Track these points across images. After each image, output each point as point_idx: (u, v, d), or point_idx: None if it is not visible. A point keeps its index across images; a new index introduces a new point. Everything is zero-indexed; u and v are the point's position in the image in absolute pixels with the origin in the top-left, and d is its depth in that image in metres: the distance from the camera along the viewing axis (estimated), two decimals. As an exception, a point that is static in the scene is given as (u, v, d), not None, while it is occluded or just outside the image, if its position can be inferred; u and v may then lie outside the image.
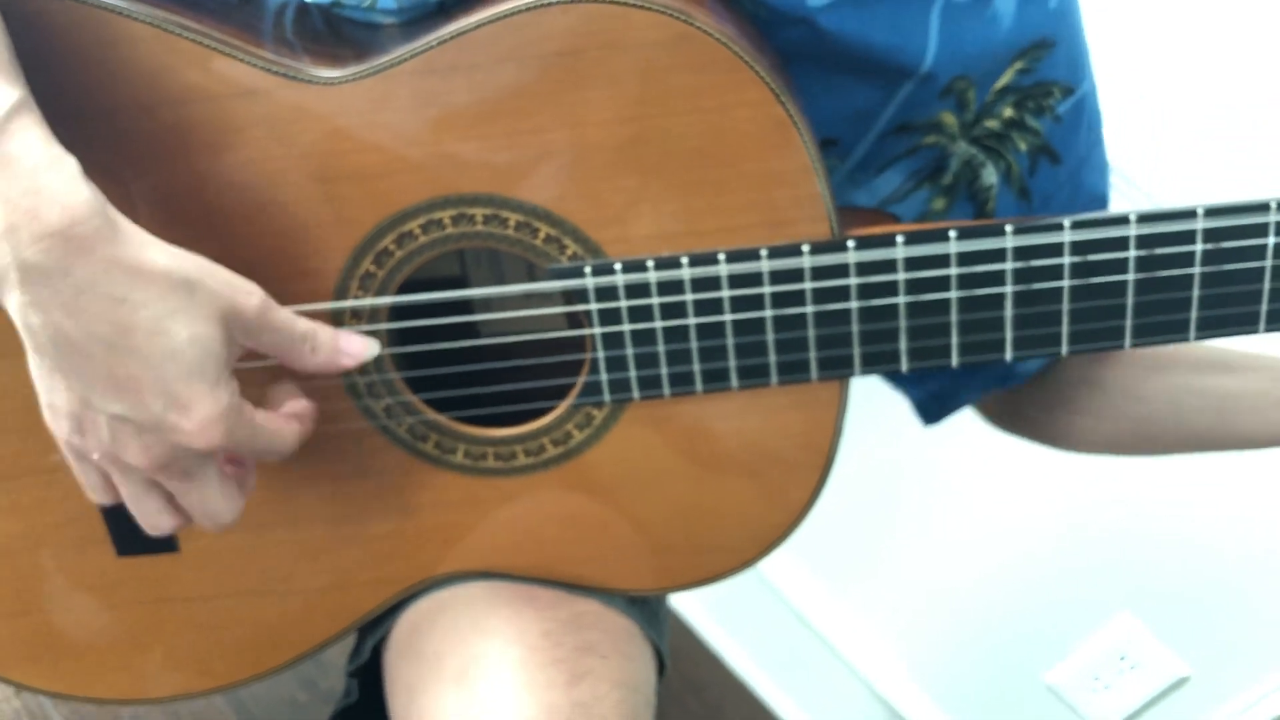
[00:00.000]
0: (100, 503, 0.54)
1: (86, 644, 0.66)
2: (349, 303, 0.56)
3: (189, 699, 0.68)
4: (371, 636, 0.69)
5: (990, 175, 0.68)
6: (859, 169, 0.67)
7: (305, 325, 0.53)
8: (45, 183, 0.45)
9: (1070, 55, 0.68)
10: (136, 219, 0.48)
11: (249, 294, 0.50)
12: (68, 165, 0.46)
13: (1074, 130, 0.69)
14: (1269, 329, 0.58)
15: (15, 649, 0.66)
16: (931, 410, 0.80)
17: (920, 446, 1.23)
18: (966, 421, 0.90)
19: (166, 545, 0.63)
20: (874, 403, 1.21)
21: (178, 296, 0.47)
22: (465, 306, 0.60)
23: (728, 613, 1.45)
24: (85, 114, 0.49)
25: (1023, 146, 0.68)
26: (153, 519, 0.53)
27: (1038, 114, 0.68)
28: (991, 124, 0.67)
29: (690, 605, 1.46)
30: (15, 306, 0.46)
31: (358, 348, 0.55)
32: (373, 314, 0.57)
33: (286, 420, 0.53)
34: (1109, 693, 1.21)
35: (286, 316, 0.52)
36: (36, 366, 0.49)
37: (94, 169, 0.47)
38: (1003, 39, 0.65)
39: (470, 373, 0.59)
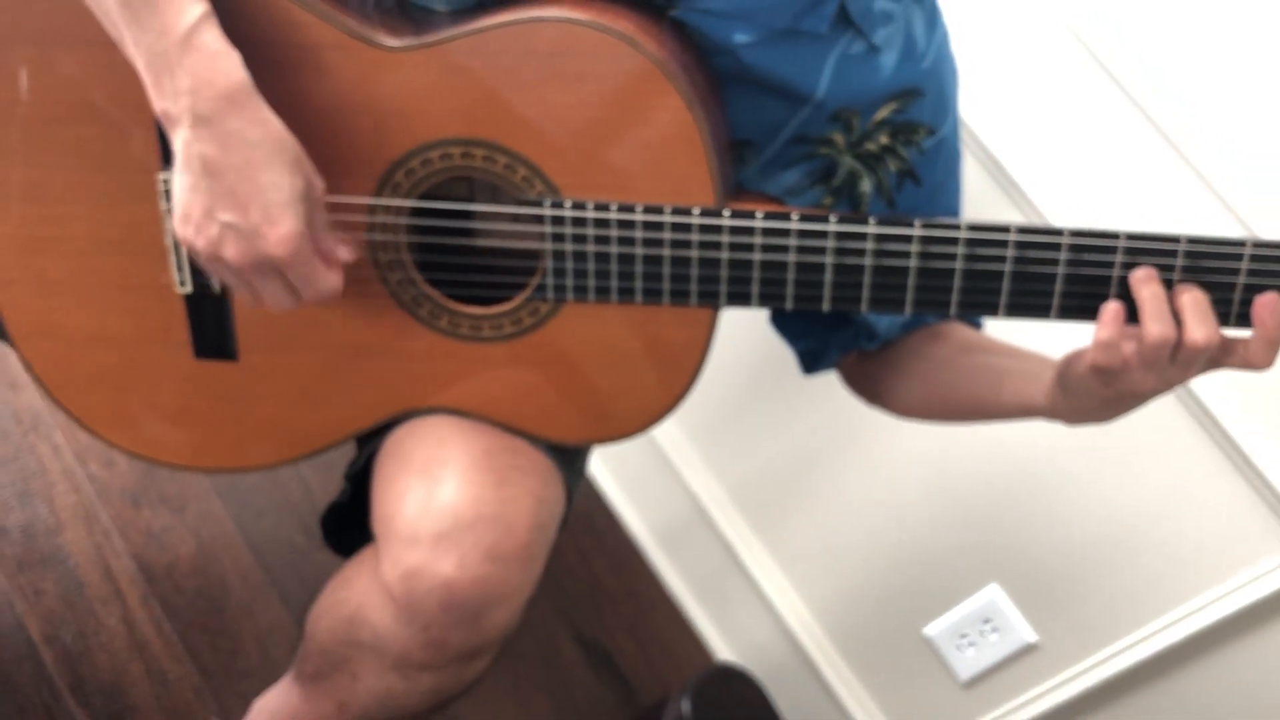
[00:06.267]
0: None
1: (161, 418, 0.89)
2: (383, 200, 0.80)
3: (229, 472, 0.91)
4: (367, 448, 0.91)
5: (866, 185, 0.88)
6: (768, 165, 0.88)
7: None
8: (220, 64, 0.69)
9: (936, 104, 0.88)
10: None
11: (320, 181, 0.74)
12: (234, 56, 0.70)
13: (934, 161, 0.89)
14: (1058, 318, 0.76)
15: (112, 414, 0.89)
16: (808, 362, 0.99)
17: (845, 434, 1.42)
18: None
19: (229, 354, 0.86)
20: (815, 397, 1.39)
21: (288, 154, 0.71)
22: (465, 218, 0.83)
23: (673, 541, 1.63)
24: (238, 40, 0.71)
25: (893, 168, 0.88)
26: (243, 297, 0.76)
27: (907, 145, 0.87)
28: (871, 146, 0.87)
29: (641, 532, 1.64)
30: (182, 140, 0.70)
31: (348, 253, 0.77)
32: (397, 211, 0.80)
33: (333, 266, 0.75)
34: (972, 649, 1.38)
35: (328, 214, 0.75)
36: (182, 184, 0.71)
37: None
38: (882, 84, 0.84)
39: (459, 264, 0.82)
